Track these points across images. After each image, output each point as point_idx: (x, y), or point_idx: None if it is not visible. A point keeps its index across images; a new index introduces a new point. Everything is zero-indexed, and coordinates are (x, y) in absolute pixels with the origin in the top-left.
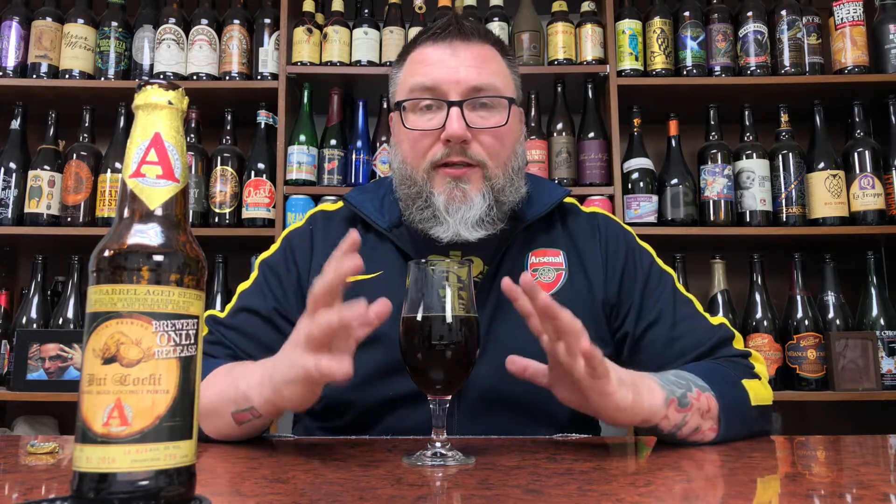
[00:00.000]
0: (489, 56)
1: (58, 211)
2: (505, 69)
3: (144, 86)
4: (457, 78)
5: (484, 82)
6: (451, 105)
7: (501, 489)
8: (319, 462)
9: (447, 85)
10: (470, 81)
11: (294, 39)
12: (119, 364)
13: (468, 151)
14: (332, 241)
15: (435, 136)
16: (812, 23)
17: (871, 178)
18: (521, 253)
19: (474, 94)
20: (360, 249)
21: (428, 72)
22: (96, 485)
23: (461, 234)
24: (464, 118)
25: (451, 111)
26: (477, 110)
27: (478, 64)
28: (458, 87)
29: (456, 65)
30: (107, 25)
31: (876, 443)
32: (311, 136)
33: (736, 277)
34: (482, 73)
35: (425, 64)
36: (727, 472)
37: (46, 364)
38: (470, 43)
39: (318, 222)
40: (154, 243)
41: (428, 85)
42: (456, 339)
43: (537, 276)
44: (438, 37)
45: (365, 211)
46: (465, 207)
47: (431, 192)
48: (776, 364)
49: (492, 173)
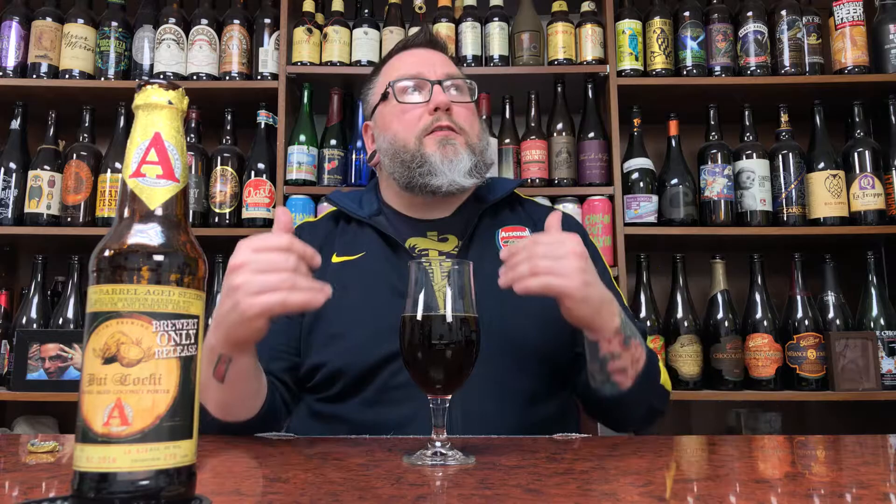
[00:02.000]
0: (449, 60)
1: (58, 211)
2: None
3: (144, 86)
4: (433, 66)
5: (453, 71)
6: (433, 83)
7: (501, 489)
8: (319, 462)
9: (427, 72)
10: (445, 68)
11: (294, 39)
12: (119, 364)
13: (452, 118)
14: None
15: (423, 109)
16: (812, 23)
17: (871, 178)
18: (491, 230)
19: (448, 77)
20: (344, 236)
21: (409, 65)
22: (97, 484)
23: (456, 180)
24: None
25: (434, 87)
26: (451, 92)
27: (445, 60)
28: (436, 72)
29: (431, 58)
30: (107, 25)
31: (876, 443)
32: (311, 136)
33: (736, 277)
34: (450, 67)
35: (405, 61)
36: (727, 472)
37: (46, 364)
38: (436, 48)
39: (305, 230)
40: (154, 243)
41: (412, 73)
42: (456, 339)
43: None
44: (412, 43)
45: (344, 206)
46: (457, 160)
47: (425, 153)
48: (776, 364)
49: (471, 140)
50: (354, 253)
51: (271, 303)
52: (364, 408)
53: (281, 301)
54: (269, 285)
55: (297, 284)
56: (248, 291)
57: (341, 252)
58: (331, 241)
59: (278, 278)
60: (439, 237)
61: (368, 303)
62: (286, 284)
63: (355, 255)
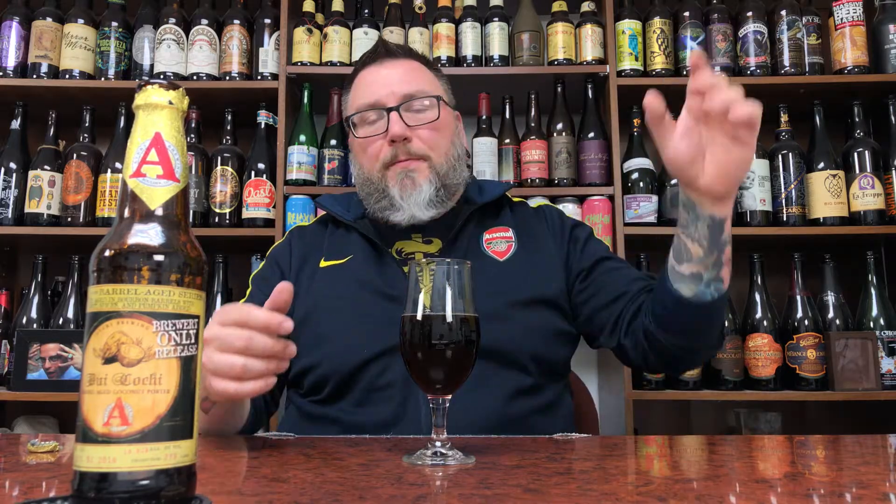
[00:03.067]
0: (416, 67)
1: (58, 211)
2: (432, 78)
3: (145, 86)
4: (392, 89)
5: (414, 89)
6: (389, 111)
7: (501, 489)
8: (319, 462)
9: (384, 97)
10: (403, 89)
11: (294, 39)
12: (120, 364)
13: (411, 149)
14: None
15: (381, 139)
16: (812, 23)
17: (870, 178)
18: (475, 234)
19: (408, 98)
20: (332, 240)
21: (368, 91)
22: (97, 484)
23: (416, 215)
24: (402, 120)
25: (390, 116)
26: (413, 112)
27: (407, 75)
28: (394, 96)
29: (389, 79)
30: (107, 25)
31: (876, 443)
32: (311, 136)
33: (736, 277)
34: (412, 82)
35: (366, 85)
36: (727, 472)
37: (46, 364)
38: (397, 59)
39: (295, 234)
40: (154, 243)
41: (369, 101)
42: (455, 339)
43: (491, 247)
44: (372, 59)
45: (332, 209)
46: (416, 193)
47: (386, 186)
48: (776, 364)
49: (435, 162)
50: (342, 257)
51: (227, 392)
52: (353, 408)
53: (234, 391)
54: (224, 368)
55: (247, 369)
56: (210, 370)
57: (329, 256)
58: (319, 245)
59: (230, 362)
60: (423, 239)
61: (355, 306)
62: (235, 370)
63: (343, 259)
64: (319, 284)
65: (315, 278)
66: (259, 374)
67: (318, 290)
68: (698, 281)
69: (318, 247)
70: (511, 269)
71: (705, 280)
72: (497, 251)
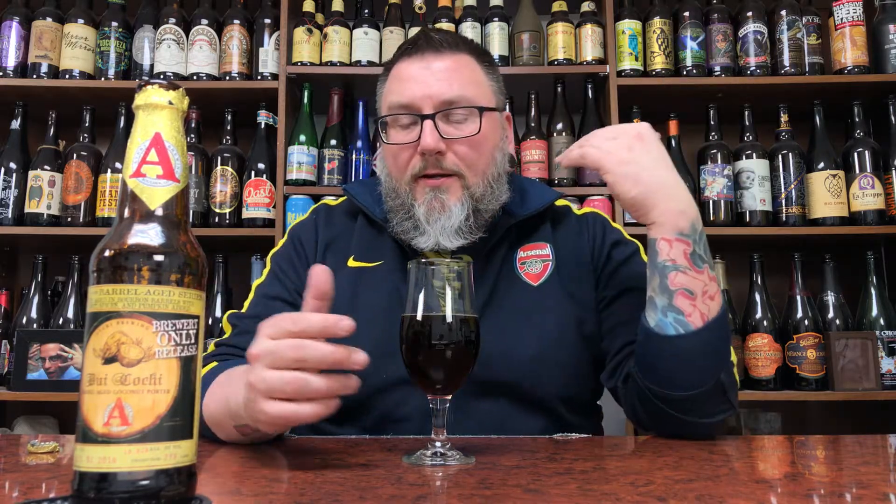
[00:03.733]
0: (462, 65)
1: (58, 211)
2: (480, 76)
3: (145, 86)
4: (429, 93)
5: (455, 94)
6: (423, 119)
7: (501, 489)
8: (319, 462)
9: (420, 100)
10: (441, 95)
11: (294, 39)
12: (120, 364)
13: (443, 163)
14: (335, 228)
15: (413, 149)
16: (812, 23)
17: (870, 178)
18: (511, 251)
19: (446, 106)
20: (362, 235)
21: (403, 89)
22: (97, 484)
23: (441, 242)
24: (437, 130)
25: (424, 125)
26: (451, 122)
27: (449, 76)
28: (431, 101)
29: (428, 79)
30: (107, 25)
31: (876, 443)
32: (311, 136)
33: (736, 277)
34: (453, 86)
35: (401, 81)
36: (727, 472)
37: (46, 364)
38: (442, 54)
39: (322, 213)
40: (154, 243)
41: (403, 102)
42: (456, 339)
43: (525, 268)
44: (412, 52)
45: (361, 200)
46: (445, 217)
47: (413, 204)
48: (776, 364)
49: (470, 181)
50: (372, 260)
51: (276, 414)
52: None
53: (288, 416)
54: (278, 386)
55: (306, 389)
56: (262, 391)
57: (359, 256)
58: (348, 237)
59: (284, 379)
60: (454, 255)
61: (379, 319)
62: (292, 389)
63: (373, 263)
64: (345, 286)
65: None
66: (318, 392)
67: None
68: (655, 307)
69: (346, 239)
70: (544, 297)
71: (659, 307)
72: (531, 273)
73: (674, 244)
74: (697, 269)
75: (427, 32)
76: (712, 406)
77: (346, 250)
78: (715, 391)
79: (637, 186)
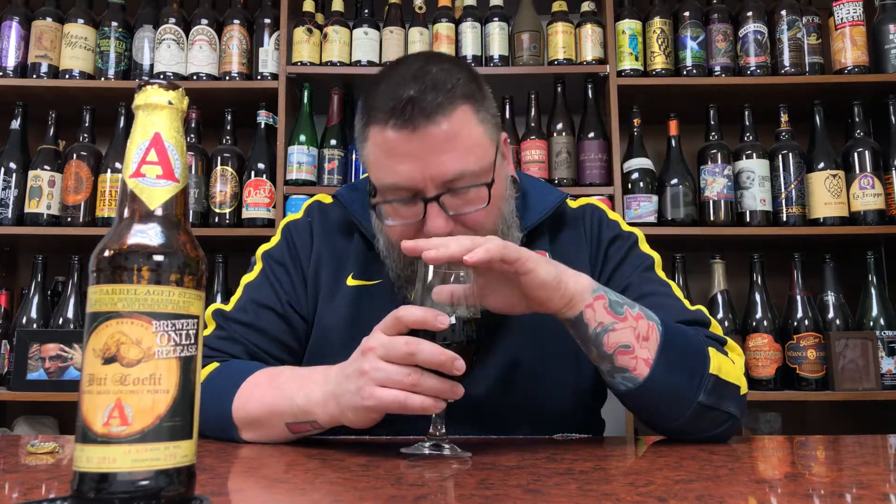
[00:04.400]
0: (458, 128)
1: (58, 211)
2: (477, 130)
3: (144, 86)
4: (429, 173)
5: (458, 169)
6: (427, 202)
7: (501, 489)
8: (319, 462)
9: (420, 182)
10: (444, 175)
11: (294, 39)
12: (119, 364)
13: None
14: (329, 238)
15: (416, 228)
16: (812, 23)
17: (871, 178)
18: None
19: (449, 186)
20: (359, 250)
21: (397, 168)
22: (97, 484)
23: None
24: (444, 210)
25: (428, 209)
26: (457, 198)
27: (449, 148)
28: (433, 182)
29: (424, 156)
30: (107, 25)
31: (876, 443)
32: (311, 136)
33: (736, 277)
34: (455, 160)
35: (392, 156)
36: (727, 472)
37: (46, 364)
38: (436, 121)
39: (315, 215)
40: (154, 243)
41: (401, 184)
42: (458, 340)
43: None
44: (401, 123)
45: (355, 214)
46: None
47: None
48: (776, 364)
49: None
50: (372, 277)
51: (389, 400)
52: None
53: (401, 402)
54: (393, 379)
55: (420, 383)
56: (372, 379)
57: (358, 273)
58: (344, 253)
59: (403, 372)
60: None
61: None
62: (409, 381)
63: (372, 281)
64: (345, 306)
65: (339, 294)
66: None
67: (343, 313)
68: (602, 372)
69: (342, 252)
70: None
71: (605, 371)
72: None
73: (595, 305)
74: (621, 318)
75: (413, 98)
76: (707, 423)
77: (344, 267)
78: (700, 414)
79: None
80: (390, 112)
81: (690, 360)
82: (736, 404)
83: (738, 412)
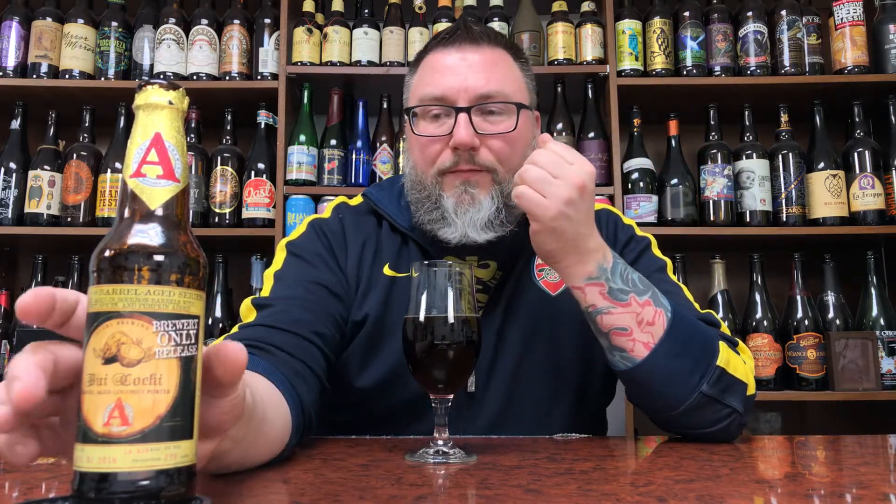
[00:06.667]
0: (499, 60)
1: (58, 211)
2: (516, 73)
3: (145, 86)
4: (465, 85)
5: (492, 89)
6: (458, 111)
7: (501, 489)
8: (319, 462)
9: (455, 93)
10: (478, 89)
11: (294, 39)
12: (120, 364)
13: (476, 158)
14: (363, 232)
15: (444, 143)
16: (812, 23)
17: (871, 178)
18: (529, 257)
19: (482, 101)
20: (390, 243)
21: (437, 80)
22: (97, 484)
23: (469, 235)
24: (472, 124)
25: (458, 118)
26: (486, 116)
27: (486, 69)
28: (467, 95)
29: (464, 72)
30: (107, 25)
31: (876, 443)
32: (311, 136)
33: (736, 277)
34: (491, 80)
35: (435, 71)
36: (727, 472)
37: None
38: (479, 47)
39: (346, 213)
40: (154, 243)
41: (437, 94)
42: (458, 339)
43: (543, 275)
44: (448, 42)
45: (385, 209)
46: (474, 210)
47: (441, 195)
48: (776, 364)
49: (501, 177)
50: (402, 270)
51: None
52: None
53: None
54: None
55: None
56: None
57: (394, 265)
58: (378, 244)
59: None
60: (479, 263)
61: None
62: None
63: (403, 273)
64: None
65: (380, 285)
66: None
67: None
68: (602, 347)
69: (378, 244)
70: (563, 308)
71: (605, 347)
72: (549, 282)
73: (586, 290)
74: (623, 304)
75: (466, 22)
76: (708, 415)
77: (380, 257)
78: (701, 404)
79: (556, 242)
80: (441, 38)
81: (696, 349)
82: (739, 400)
83: (740, 408)
